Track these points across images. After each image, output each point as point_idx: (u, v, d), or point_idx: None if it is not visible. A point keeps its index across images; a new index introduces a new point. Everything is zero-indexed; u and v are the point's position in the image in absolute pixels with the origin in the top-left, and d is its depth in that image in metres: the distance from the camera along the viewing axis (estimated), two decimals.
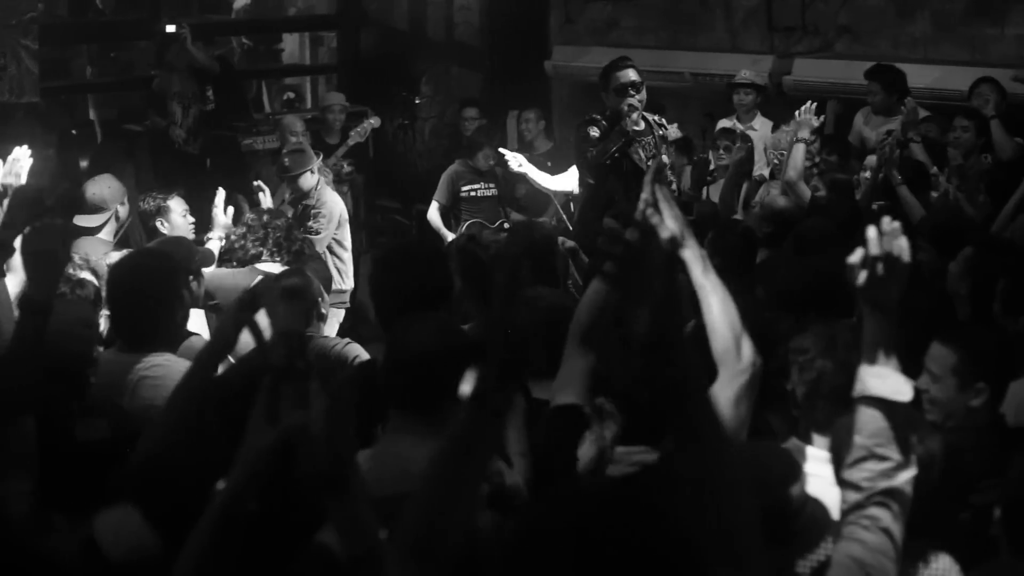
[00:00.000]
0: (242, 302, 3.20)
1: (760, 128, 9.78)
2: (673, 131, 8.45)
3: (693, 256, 3.22)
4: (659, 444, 3.15)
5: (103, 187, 7.14)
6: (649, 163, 7.42)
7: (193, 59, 10.77)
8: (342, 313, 8.26)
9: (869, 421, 2.74)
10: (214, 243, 6.67)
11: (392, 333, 3.58)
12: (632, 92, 7.69)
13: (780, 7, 10.94)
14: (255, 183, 7.75)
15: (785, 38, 10.96)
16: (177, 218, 6.96)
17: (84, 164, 10.60)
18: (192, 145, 10.63)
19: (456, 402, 3.29)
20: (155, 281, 4.49)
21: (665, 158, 7.67)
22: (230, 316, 3.26)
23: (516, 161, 8.91)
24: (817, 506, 2.94)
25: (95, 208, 7.03)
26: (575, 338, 3.68)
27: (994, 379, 4.10)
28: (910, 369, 3.05)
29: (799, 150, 7.64)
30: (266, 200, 7.56)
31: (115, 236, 7.06)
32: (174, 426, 3.21)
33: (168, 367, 4.23)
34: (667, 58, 11.17)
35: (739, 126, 9.80)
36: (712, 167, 9.15)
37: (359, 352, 5.31)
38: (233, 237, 6.59)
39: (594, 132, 7.72)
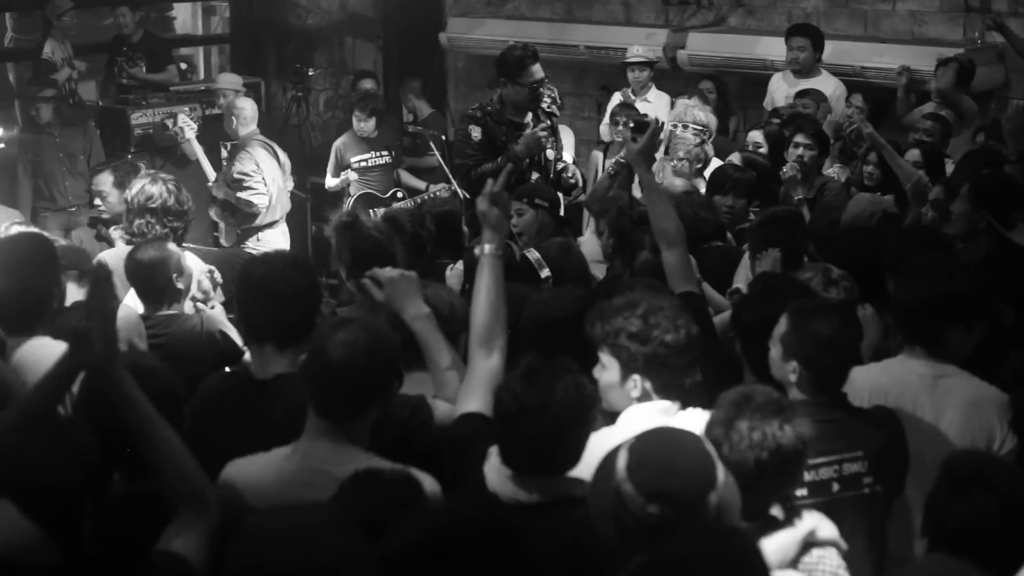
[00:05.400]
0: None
1: (655, 101, 9.77)
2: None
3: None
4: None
5: None
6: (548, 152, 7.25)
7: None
8: None
9: None
10: None
11: (315, 339, 3.41)
12: (541, 90, 7.12)
13: None
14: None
15: (679, 12, 10.98)
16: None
17: None
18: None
19: (375, 408, 3.35)
20: (35, 268, 4.45)
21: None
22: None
23: None
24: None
25: None
26: (476, 342, 3.63)
27: None
28: None
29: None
30: None
31: None
32: (25, 420, 3.14)
33: (46, 350, 4.14)
34: (562, 31, 11.16)
35: (632, 97, 9.79)
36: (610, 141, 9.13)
37: (222, 323, 5.16)
38: (140, 222, 5.80)
39: (476, 134, 7.04)
